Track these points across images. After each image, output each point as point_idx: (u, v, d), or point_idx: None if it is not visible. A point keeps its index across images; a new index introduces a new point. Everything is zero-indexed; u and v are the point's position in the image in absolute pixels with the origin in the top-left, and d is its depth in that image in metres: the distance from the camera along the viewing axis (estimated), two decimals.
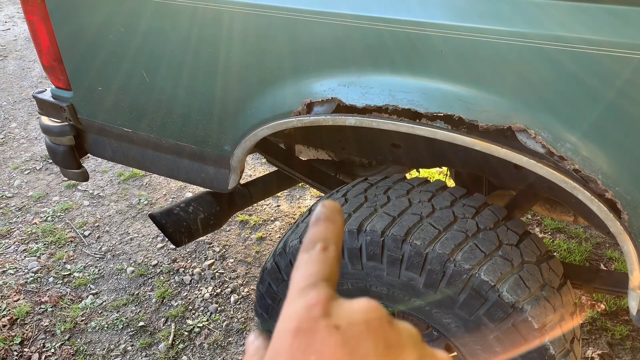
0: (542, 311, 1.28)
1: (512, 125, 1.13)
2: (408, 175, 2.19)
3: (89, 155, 2.01)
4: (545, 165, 1.12)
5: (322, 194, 2.27)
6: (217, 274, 2.67)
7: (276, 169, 2.16)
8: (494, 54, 1.10)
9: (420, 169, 2.95)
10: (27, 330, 2.34)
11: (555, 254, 2.65)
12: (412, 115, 1.23)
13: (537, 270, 1.34)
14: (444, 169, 2.97)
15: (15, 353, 2.24)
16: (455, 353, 1.44)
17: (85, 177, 2.04)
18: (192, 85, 1.52)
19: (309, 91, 1.35)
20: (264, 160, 3.49)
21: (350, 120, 1.28)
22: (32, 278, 2.63)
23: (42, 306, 2.46)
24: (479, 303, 1.28)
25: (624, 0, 0.99)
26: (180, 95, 1.56)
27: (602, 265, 2.62)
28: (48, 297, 2.52)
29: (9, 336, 2.30)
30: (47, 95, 1.88)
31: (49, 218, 3.09)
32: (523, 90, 1.11)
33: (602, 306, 2.37)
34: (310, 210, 1.60)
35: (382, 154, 1.85)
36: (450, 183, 2.44)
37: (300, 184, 3.17)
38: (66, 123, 1.88)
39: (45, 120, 1.93)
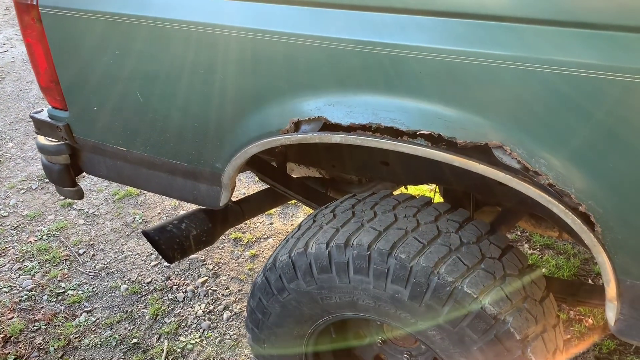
0: (524, 322, 1.31)
1: (488, 142, 1.18)
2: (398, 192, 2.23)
3: (84, 174, 2.06)
4: (521, 180, 1.17)
5: (314, 210, 2.31)
6: (210, 291, 2.70)
7: (268, 186, 2.20)
8: (470, 75, 1.15)
9: (409, 186, 3.00)
10: (20, 348, 2.36)
11: (544, 269, 2.69)
12: (395, 133, 1.28)
13: (519, 282, 1.38)
14: (433, 185, 3.02)
15: None
16: None
17: (80, 195, 2.07)
18: (184, 105, 1.57)
19: (296, 110, 1.40)
20: (257, 178, 3.54)
21: (336, 137, 1.33)
22: (26, 296, 2.65)
23: (36, 324, 2.48)
24: (462, 315, 1.31)
25: (593, 25, 1.04)
26: (173, 115, 1.61)
27: (590, 280, 2.66)
28: (42, 314, 2.53)
29: (2, 354, 2.31)
30: (43, 116, 1.93)
31: (44, 237, 3.12)
32: (499, 109, 1.17)
33: (590, 320, 2.40)
34: (299, 226, 1.64)
35: (371, 171, 1.90)
36: (439, 199, 2.48)
37: (293, 202, 3.21)
38: (62, 142, 1.93)
39: (42, 139, 1.97)
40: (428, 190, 3.28)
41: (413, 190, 3.27)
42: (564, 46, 1.06)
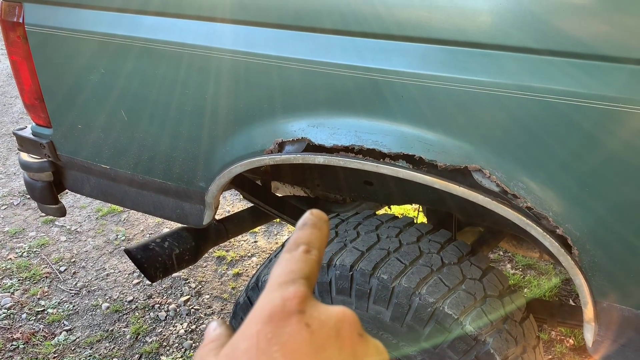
0: (504, 344, 1.33)
1: (468, 165, 1.20)
2: (385, 212, 2.24)
3: (67, 191, 2.04)
4: (500, 202, 1.19)
5: None
6: (192, 310, 2.67)
7: (253, 204, 2.20)
8: (450, 100, 1.18)
9: (393, 206, 3.02)
10: None
11: (525, 289, 2.71)
12: (377, 155, 1.30)
13: (499, 303, 1.39)
14: (417, 205, 3.04)
15: None
16: None
17: (62, 212, 2.06)
18: (169, 124, 1.58)
19: (280, 131, 1.41)
20: (242, 196, 3.54)
21: (319, 159, 1.35)
22: (4, 314, 2.60)
23: (14, 343, 2.43)
24: (443, 336, 1.32)
25: (571, 54, 1.08)
26: (157, 134, 1.62)
27: (571, 300, 2.69)
28: (20, 333, 2.49)
29: None
30: (27, 132, 1.92)
31: (25, 253, 3.08)
32: (478, 133, 1.19)
33: (571, 341, 2.42)
34: (283, 246, 1.65)
35: (355, 191, 1.92)
36: (423, 219, 2.50)
37: (277, 220, 3.21)
38: (45, 159, 1.92)
39: (25, 156, 1.96)
40: (412, 210, 3.30)
41: (397, 210, 3.29)
42: (542, 73, 1.09)
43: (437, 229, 1.56)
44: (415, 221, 1.61)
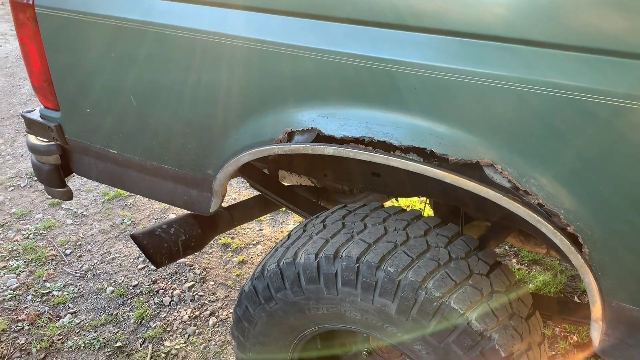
0: (509, 340, 1.32)
1: (480, 160, 1.19)
2: (391, 204, 2.23)
3: (74, 174, 2.04)
4: (511, 198, 1.18)
5: (304, 219, 2.31)
6: (196, 296, 2.68)
7: (259, 193, 2.19)
8: (464, 93, 1.16)
9: (400, 198, 3.01)
10: (2, 348, 2.33)
11: (530, 285, 2.70)
12: (387, 147, 1.29)
13: (506, 299, 1.38)
14: (424, 198, 3.03)
15: None
16: None
17: (69, 196, 2.06)
18: (178, 110, 1.57)
19: (290, 120, 1.40)
20: (248, 184, 3.53)
21: (329, 149, 1.33)
22: (10, 295, 2.62)
23: (19, 324, 2.45)
24: (448, 330, 1.31)
25: (587, 49, 1.05)
26: (166, 120, 1.61)
27: (576, 297, 2.68)
28: (26, 315, 2.51)
29: None
30: (35, 115, 1.91)
31: (31, 235, 3.09)
32: (491, 128, 1.18)
33: (575, 338, 2.42)
34: (289, 235, 1.64)
35: (363, 182, 1.90)
36: (429, 212, 2.49)
37: (283, 209, 3.21)
38: (53, 142, 1.92)
39: (32, 138, 1.96)
40: (419, 202, 3.29)
41: (404, 202, 3.28)
42: (558, 68, 1.07)
43: (445, 223, 1.54)
44: (422, 214, 1.60)
